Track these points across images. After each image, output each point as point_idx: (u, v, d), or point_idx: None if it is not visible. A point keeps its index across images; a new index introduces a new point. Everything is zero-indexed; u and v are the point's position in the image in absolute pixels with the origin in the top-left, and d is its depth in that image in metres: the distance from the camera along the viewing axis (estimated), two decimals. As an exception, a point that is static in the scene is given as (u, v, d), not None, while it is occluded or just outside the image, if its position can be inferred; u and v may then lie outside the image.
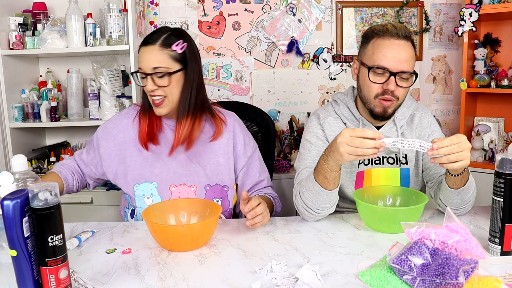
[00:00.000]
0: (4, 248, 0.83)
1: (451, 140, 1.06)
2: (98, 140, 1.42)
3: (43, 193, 0.79)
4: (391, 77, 1.26)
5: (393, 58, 1.25)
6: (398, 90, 1.28)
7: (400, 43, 1.26)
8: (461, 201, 1.24)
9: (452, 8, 2.74)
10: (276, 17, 2.71)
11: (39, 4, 2.48)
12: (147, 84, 1.30)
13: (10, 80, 2.35)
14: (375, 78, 1.28)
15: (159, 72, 1.28)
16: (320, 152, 1.39)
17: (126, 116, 1.43)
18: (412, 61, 1.28)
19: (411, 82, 1.29)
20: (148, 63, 1.28)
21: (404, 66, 1.25)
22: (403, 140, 1.08)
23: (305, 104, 2.78)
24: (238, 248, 1.11)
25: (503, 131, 2.63)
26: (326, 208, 1.25)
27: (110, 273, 0.99)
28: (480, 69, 2.53)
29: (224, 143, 1.41)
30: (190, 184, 1.37)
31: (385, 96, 1.28)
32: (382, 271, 0.89)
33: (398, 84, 1.27)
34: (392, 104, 1.31)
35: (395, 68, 1.25)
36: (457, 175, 1.17)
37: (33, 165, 2.41)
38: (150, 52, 1.29)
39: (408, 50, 1.27)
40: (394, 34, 1.26)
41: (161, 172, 1.36)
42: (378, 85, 1.28)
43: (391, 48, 1.26)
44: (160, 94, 1.30)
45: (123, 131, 1.40)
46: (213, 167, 1.39)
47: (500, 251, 1.01)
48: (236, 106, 1.91)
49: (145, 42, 1.31)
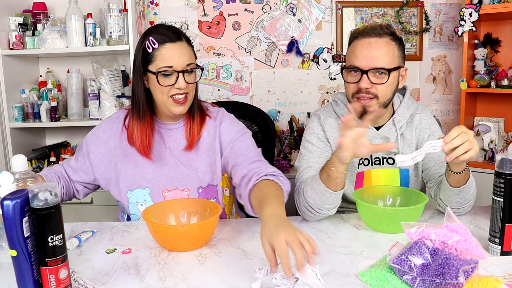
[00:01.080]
0: (4, 248, 0.83)
1: (457, 130, 1.06)
2: (88, 146, 1.36)
3: (43, 193, 0.79)
4: (363, 75, 1.28)
5: (363, 57, 1.27)
6: (375, 87, 1.28)
7: (371, 40, 1.28)
8: (462, 200, 1.24)
9: (452, 8, 2.74)
10: (276, 17, 2.71)
11: (39, 4, 2.48)
12: (178, 82, 1.24)
13: (10, 80, 2.36)
14: (349, 77, 1.32)
15: (190, 68, 1.26)
16: (321, 153, 1.40)
17: (116, 121, 1.38)
18: (387, 57, 1.27)
19: (392, 79, 1.29)
20: (182, 59, 1.24)
21: (375, 62, 1.26)
22: (419, 152, 1.09)
23: (305, 104, 2.78)
24: (238, 248, 1.11)
25: (503, 131, 2.63)
26: (328, 209, 1.24)
27: (110, 273, 0.99)
28: (480, 69, 2.53)
29: (211, 140, 1.36)
30: (183, 188, 1.34)
31: (360, 94, 1.30)
32: (382, 271, 0.89)
33: (373, 81, 1.28)
34: (371, 102, 1.30)
35: (366, 65, 1.27)
36: (459, 173, 1.17)
37: (33, 165, 2.41)
38: (182, 48, 1.25)
39: (381, 46, 1.27)
40: (365, 34, 1.29)
41: (153, 177, 1.33)
42: (353, 85, 1.31)
43: (361, 47, 1.29)
44: (186, 92, 1.27)
45: (114, 136, 1.36)
46: (205, 168, 1.35)
47: (500, 251, 1.01)
48: (236, 106, 1.91)
49: (170, 39, 1.24)
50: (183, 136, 1.35)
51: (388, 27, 1.31)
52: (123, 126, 1.35)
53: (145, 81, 1.29)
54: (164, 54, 1.23)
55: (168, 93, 1.25)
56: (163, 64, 1.23)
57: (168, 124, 1.36)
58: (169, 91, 1.25)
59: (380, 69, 1.27)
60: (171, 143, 1.35)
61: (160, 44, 1.23)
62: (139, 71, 1.27)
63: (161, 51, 1.23)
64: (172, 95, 1.26)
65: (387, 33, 1.29)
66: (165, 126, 1.36)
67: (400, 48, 1.32)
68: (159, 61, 1.23)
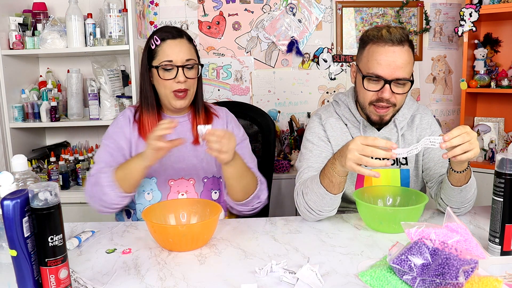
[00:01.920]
0: (4, 248, 0.83)
1: (460, 130, 1.05)
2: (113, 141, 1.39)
3: (43, 193, 0.79)
4: (385, 85, 1.24)
5: (387, 66, 1.23)
6: (394, 96, 1.27)
7: (395, 49, 1.23)
8: (463, 199, 1.24)
9: (452, 8, 2.74)
10: (276, 17, 2.71)
11: (39, 4, 2.48)
12: (177, 76, 1.32)
13: (10, 80, 2.35)
14: (370, 85, 1.27)
15: (190, 64, 1.34)
16: (321, 153, 1.39)
17: (125, 118, 1.43)
18: (408, 67, 1.25)
19: (408, 88, 1.28)
20: (181, 55, 1.33)
21: (399, 73, 1.24)
22: (416, 146, 1.07)
23: (305, 104, 2.78)
24: (238, 248, 1.11)
25: (503, 131, 2.63)
26: (328, 210, 1.25)
27: (110, 273, 0.99)
28: (480, 69, 2.53)
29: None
30: (188, 178, 1.40)
31: (379, 103, 1.28)
32: (382, 271, 0.89)
33: (394, 91, 1.26)
34: (388, 111, 1.30)
35: (389, 75, 1.24)
36: (461, 172, 1.17)
37: (33, 165, 2.41)
38: (182, 44, 1.34)
39: (403, 56, 1.24)
40: (388, 40, 1.23)
41: (159, 167, 1.37)
42: (372, 93, 1.28)
43: (385, 56, 1.23)
44: (186, 87, 1.34)
45: (127, 130, 1.41)
46: (210, 158, 1.41)
47: (500, 251, 1.01)
48: (236, 106, 1.91)
49: (171, 36, 1.34)
50: (189, 129, 1.43)
51: (404, 31, 1.26)
52: (133, 121, 1.42)
53: (151, 77, 1.38)
54: (165, 49, 1.33)
55: (170, 88, 1.34)
56: (164, 58, 1.33)
57: (174, 118, 1.43)
58: (171, 86, 1.33)
59: (402, 79, 1.24)
60: (177, 135, 1.39)
61: (162, 41, 1.33)
62: (146, 67, 1.38)
63: (163, 47, 1.34)
64: (174, 90, 1.34)
65: (407, 40, 1.25)
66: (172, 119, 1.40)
67: (413, 54, 1.29)
68: (160, 56, 1.34)
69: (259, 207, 1.42)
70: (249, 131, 1.85)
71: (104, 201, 1.28)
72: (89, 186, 1.31)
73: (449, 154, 1.07)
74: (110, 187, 1.26)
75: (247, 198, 1.35)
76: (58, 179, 2.37)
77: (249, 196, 1.35)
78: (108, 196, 1.27)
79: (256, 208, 1.41)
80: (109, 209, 1.31)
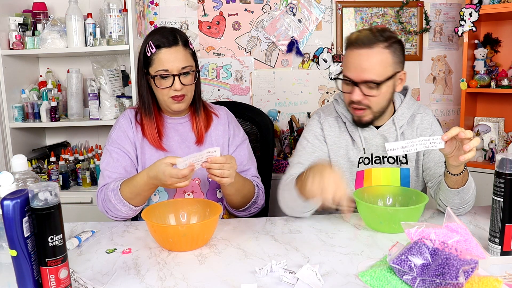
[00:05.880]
0: (4, 248, 0.83)
1: (458, 128, 1.05)
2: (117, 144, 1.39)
3: (43, 193, 0.79)
4: (354, 87, 1.27)
5: (354, 69, 1.25)
6: (368, 99, 1.27)
7: (361, 52, 1.24)
8: (461, 201, 1.24)
9: (452, 8, 2.74)
10: (276, 17, 2.71)
11: (39, 4, 2.48)
12: (173, 84, 1.32)
13: (10, 80, 2.35)
14: (344, 87, 1.32)
15: (185, 71, 1.33)
16: (314, 151, 1.41)
17: (127, 120, 1.43)
18: (378, 68, 1.24)
19: (385, 89, 1.27)
20: (177, 63, 1.32)
21: (366, 75, 1.24)
22: (411, 142, 1.06)
23: (305, 104, 2.78)
24: (238, 248, 1.11)
25: (503, 131, 2.63)
26: (303, 211, 1.29)
27: (110, 273, 0.99)
28: (480, 69, 2.53)
29: (220, 135, 1.47)
30: (194, 177, 1.41)
31: (353, 105, 1.30)
32: (382, 271, 0.89)
33: (366, 93, 1.26)
34: (365, 113, 1.31)
35: (357, 78, 1.25)
36: (457, 174, 1.17)
37: (33, 165, 2.41)
38: (177, 52, 1.32)
39: (371, 58, 1.23)
40: (355, 43, 1.25)
41: None
42: (347, 94, 1.31)
43: (352, 58, 1.26)
44: (183, 93, 1.34)
45: (130, 132, 1.41)
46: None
47: (500, 251, 1.01)
48: (235, 106, 1.91)
49: (167, 43, 1.31)
50: (190, 130, 1.44)
51: (382, 32, 1.26)
52: (135, 123, 1.42)
53: (148, 81, 1.38)
54: (160, 58, 1.32)
55: (168, 94, 1.34)
56: (159, 68, 1.33)
57: (175, 119, 1.45)
58: (168, 93, 1.34)
59: (370, 82, 1.25)
60: (180, 136, 1.43)
61: (157, 49, 1.32)
62: (142, 72, 1.37)
63: (158, 56, 1.32)
64: (171, 96, 1.35)
65: (380, 41, 1.24)
66: (172, 120, 1.45)
67: (396, 54, 1.27)
68: (156, 65, 1.33)
69: (256, 211, 1.47)
70: (248, 131, 1.85)
71: (119, 215, 1.33)
72: (100, 201, 1.34)
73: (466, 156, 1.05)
74: (121, 204, 1.28)
75: (245, 206, 1.41)
76: (58, 179, 2.37)
77: (247, 204, 1.41)
78: (120, 211, 1.31)
79: (253, 212, 1.46)
80: (126, 218, 1.36)
